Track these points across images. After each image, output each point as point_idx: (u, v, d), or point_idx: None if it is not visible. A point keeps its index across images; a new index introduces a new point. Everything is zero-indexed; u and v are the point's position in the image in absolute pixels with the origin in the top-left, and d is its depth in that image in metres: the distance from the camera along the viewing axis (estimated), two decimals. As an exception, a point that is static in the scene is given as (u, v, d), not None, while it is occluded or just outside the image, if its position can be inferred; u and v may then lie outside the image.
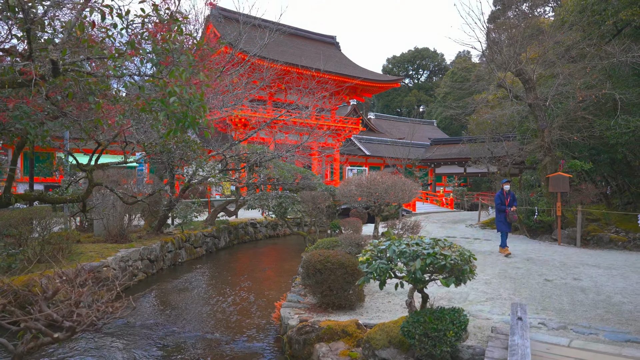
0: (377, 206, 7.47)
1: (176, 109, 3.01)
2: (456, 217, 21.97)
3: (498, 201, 11.63)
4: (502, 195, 11.61)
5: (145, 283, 11.38)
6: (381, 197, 7.03)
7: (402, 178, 7.44)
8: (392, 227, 7.20)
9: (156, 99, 3.04)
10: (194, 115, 3.18)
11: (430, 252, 4.45)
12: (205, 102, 3.50)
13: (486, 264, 10.28)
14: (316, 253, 7.13)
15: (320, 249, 8.29)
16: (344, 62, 34.12)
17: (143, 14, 3.43)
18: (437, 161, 32.85)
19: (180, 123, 3.21)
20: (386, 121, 53.26)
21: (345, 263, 6.87)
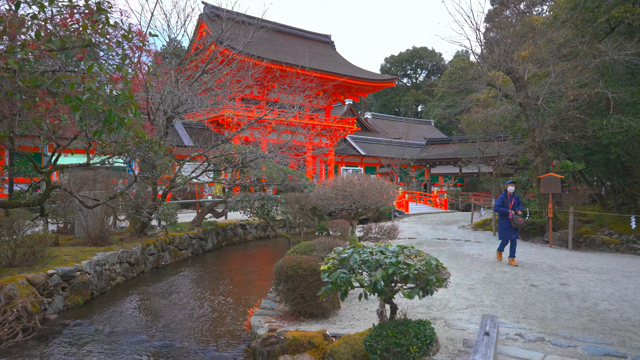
0: (353, 209, 7.16)
1: (95, 106, 2.72)
2: (449, 218, 21.66)
3: (499, 203, 10.31)
4: (505, 198, 10.28)
5: (124, 287, 11.08)
6: (357, 200, 6.72)
7: (379, 180, 7.13)
8: (368, 231, 6.89)
9: (72, 97, 2.74)
10: (120, 114, 2.88)
11: (392, 262, 4.15)
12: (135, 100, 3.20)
13: (472, 268, 9.99)
14: (288, 259, 6.83)
15: (296, 253, 7.98)
16: (338, 61, 33.82)
17: (70, 3, 3.14)
18: (432, 161, 32.53)
19: (107, 123, 2.91)
20: (383, 121, 52.96)
21: (317, 269, 6.55)
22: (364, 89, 33.77)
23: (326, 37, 36.33)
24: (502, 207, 10.26)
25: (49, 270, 8.96)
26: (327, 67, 30.48)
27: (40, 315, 8.24)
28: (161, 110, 11.67)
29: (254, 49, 26.42)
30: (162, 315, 8.73)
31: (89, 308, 9.12)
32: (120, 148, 5.86)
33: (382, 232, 6.99)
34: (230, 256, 16.22)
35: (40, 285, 8.66)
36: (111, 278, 10.80)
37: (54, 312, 8.63)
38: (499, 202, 10.33)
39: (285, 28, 33.23)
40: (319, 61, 31.26)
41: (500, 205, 10.30)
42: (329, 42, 36.29)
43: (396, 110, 79.08)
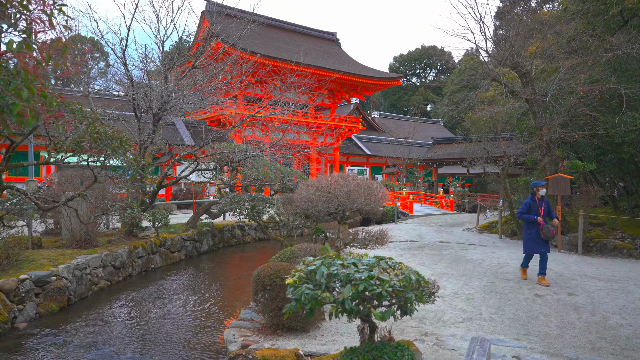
0: (338, 213, 6.57)
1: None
2: (455, 219, 20.95)
3: (524, 209, 8.52)
4: (532, 203, 8.48)
5: (108, 292, 10.58)
6: (343, 202, 6.13)
7: (368, 181, 6.53)
8: (354, 237, 6.28)
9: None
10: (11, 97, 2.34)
11: (364, 277, 3.54)
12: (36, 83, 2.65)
13: (473, 275, 9.33)
14: (267, 267, 6.26)
15: (279, 260, 7.40)
16: (343, 59, 33.20)
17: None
18: (439, 161, 31.78)
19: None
20: (391, 120, 52.22)
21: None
22: (369, 87, 33.11)
23: (331, 34, 35.73)
24: (527, 214, 8.47)
25: (21, 276, 8.47)
26: (331, 65, 29.87)
27: (8, 324, 7.75)
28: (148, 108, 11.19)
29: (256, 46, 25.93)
30: (138, 324, 8.20)
31: (63, 316, 8.61)
32: (74, 145, 5.36)
33: (369, 237, 6.37)
34: (225, 259, 15.70)
35: (10, 291, 8.16)
36: (93, 283, 10.30)
37: (25, 320, 8.13)
38: (523, 208, 8.57)
39: (290, 25, 32.71)
40: (324, 59, 30.68)
41: (524, 212, 8.52)
42: (334, 39, 35.68)
43: (405, 110, 78.16)
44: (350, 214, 6.99)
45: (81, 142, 5.35)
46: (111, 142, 5.51)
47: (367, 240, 6.36)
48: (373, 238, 6.35)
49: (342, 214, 6.75)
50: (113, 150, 5.68)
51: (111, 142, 5.50)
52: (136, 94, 10.95)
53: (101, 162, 6.18)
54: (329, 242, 13.68)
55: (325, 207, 6.34)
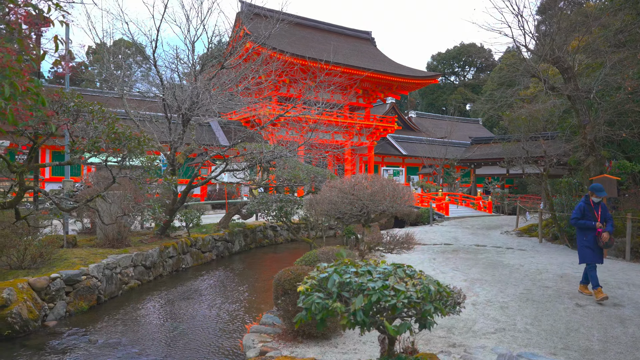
0: (362, 215, 6.29)
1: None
2: (493, 222, 20.19)
3: (577, 215, 7.69)
4: (586, 207, 7.69)
5: (138, 292, 10.68)
6: (367, 204, 5.86)
7: (393, 182, 6.23)
8: (378, 241, 5.97)
9: None
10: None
11: (378, 286, 3.28)
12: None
13: (509, 282, 8.84)
14: (287, 271, 6.06)
15: (302, 263, 7.20)
16: (378, 58, 32.74)
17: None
18: (477, 161, 30.82)
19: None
20: (428, 120, 51.26)
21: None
22: (405, 86, 32.52)
23: (366, 33, 35.33)
24: (582, 220, 7.67)
25: (52, 274, 8.62)
26: (365, 64, 29.48)
27: (39, 322, 7.88)
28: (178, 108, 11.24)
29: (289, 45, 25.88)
30: (163, 326, 8.18)
31: (92, 315, 8.72)
32: (90, 145, 5.33)
33: (395, 240, 6.05)
34: (256, 260, 15.66)
35: (41, 289, 8.32)
36: (123, 282, 10.42)
37: (55, 319, 8.26)
38: (577, 213, 7.76)
39: (324, 25, 32.54)
40: (358, 58, 30.34)
41: (579, 218, 7.70)
42: (369, 38, 35.26)
43: (443, 109, 76.59)
44: (375, 217, 6.71)
45: (98, 142, 5.34)
46: (128, 143, 5.46)
47: (393, 244, 6.06)
48: (399, 242, 6.04)
49: (366, 217, 6.48)
50: (129, 150, 5.63)
51: (128, 142, 5.46)
52: (166, 95, 11.03)
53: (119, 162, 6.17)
54: (354, 246, 13.41)
55: (348, 209, 6.09)
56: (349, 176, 6.46)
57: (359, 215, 6.40)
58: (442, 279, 8.98)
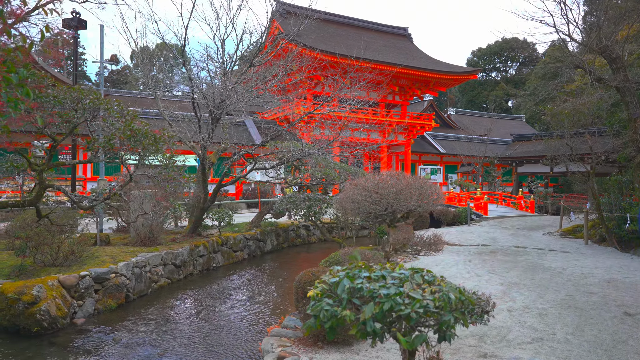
0: (387, 214, 5.94)
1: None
2: (534, 222, 19.26)
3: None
4: None
5: (167, 290, 10.71)
6: (392, 203, 5.52)
7: (420, 179, 5.84)
8: (405, 242, 5.59)
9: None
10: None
11: (391, 293, 2.97)
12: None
13: (550, 287, 8.26)
14: (309, 272, 5.82)
15: (327, 265, 6.93)
16: (415, 54, 32.04)
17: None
18: (518, 159, 29.60)
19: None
20: (468, 117, 49.86)
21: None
22: (442, 82, 31.66)
23: (403, 29, 34.65)
24: None
25: (82, 272, 8.72)
26: (401, 60, 28.88)
27: (67, 319, 7.96)
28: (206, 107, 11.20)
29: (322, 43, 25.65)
30: (188, 326, 8.11)
31: (120, 313, 8.75)
32: (104, 142, 5.26)
33: (421, 242, 5.66)
34: (288, 259, 15.50)
35: (71, 287, 8.42)
36: (153, 280, 10.46)
37: (83, 316, 8.33)
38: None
39: (358, 21, 32.14)
40: (393, 54, 29.78)
41: None
42: (405, 34, 34.57)
43: (484, 106, 74.45)
44: (402, 216, 6.36)
45: (112, 139, 5.26)
46: (144, 140, 5.36)
47: (420, 245, 5.68)
48: (426, 243, 5.66)
49: (391, 216, 6.13)
50: (144, 147, 5.53)
51: (144, 139, 5.36)
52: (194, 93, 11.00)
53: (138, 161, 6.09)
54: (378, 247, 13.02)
55: (372, 209, 5.77)
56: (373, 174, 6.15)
57: (383, 214, 6.07)
58: (476, 282, 8.51)
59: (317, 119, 27.43)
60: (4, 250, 10.31)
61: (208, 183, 12.66)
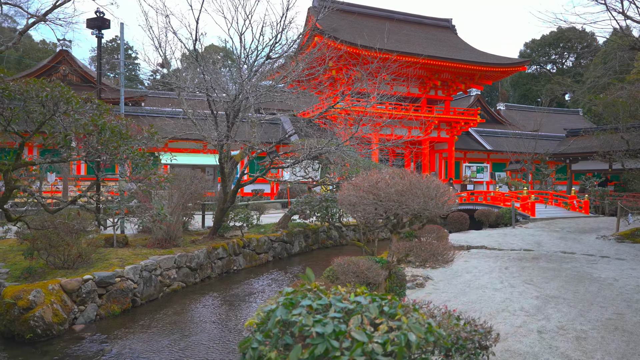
0: (389, 219, 5.11)
1: None
2: (588, 224, 17.55)
3: None
4: None
5: (181, 294, 10.30)
6: (390, 207, 4.71)
7: (429, 178, 5.00)
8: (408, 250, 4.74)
9: None
10: None
11: (326, 332, 2.21)
12: None
13: (595, 302, 7.12)
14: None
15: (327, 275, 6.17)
16: (459, 46, 30.50)
17: None
18: (572, 155, 27.47)
19: None
20: (519, 112, 47.37)
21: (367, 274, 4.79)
22: (488, 75, 29.92)
23: (446, 21, 33.11)
24: None
25: (85, 276, 8.42)
26: (443, 53, 27.50)
27: (66, 325, 7.65)
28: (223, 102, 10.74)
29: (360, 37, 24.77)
30: (190, 335, 7.59)
31: (122, 319, 8.38)
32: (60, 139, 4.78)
33: (426, 252, 4.79)
34: (316, 262, 14.80)
35: (73, 291, 8.13)
36: (165, 284, 10.07)
37: (84, 322, 8.01)
38: None
39: (397, 14, 30.97)
40: (435, 47, 28.42)
41: None
42: (449, 26, 33.00)
43: (538, 101, 70.69)
44: (408, 220, 5.52)
45: (68, 134, 4.77)
46: (101, 136, 4.81)
47: (424, 254, 4.82)
48: (430, 255, 4.79)
49: (394, 221, 5.31)
50: (101, 144, 4.98)
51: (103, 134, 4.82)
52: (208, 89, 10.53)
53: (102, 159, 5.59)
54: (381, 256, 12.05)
55: (371, 212, 4.99)
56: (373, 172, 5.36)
57: (385, 218, 5.26)
58: (507, 295, 7.50)
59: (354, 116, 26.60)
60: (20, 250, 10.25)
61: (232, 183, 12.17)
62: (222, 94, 10.70)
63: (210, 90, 10.41)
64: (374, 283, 4.99)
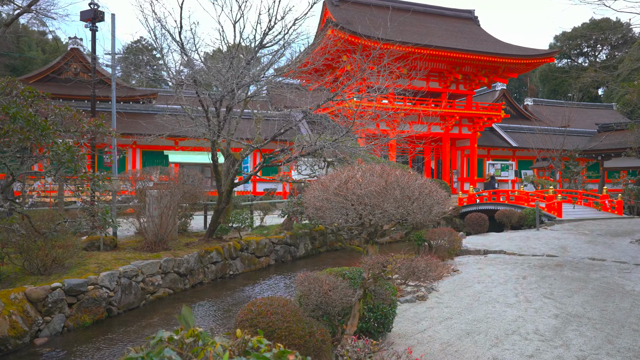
0: (364, 226, 4.15)
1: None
2: (621, 226, 16.07)
3: None
4: None
5: (167, 302, 9.56)
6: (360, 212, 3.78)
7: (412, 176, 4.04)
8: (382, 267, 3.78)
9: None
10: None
11: None
12: None
13: (627, 323, 6.00)
14: (250, 307, 4.21)
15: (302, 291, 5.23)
16: (481, 38, 29.03)
17: None
18: (604, 152, 25.75)
19: None
20: (548, 107, 45.29)
21: (294, 332, 3.87)
22: (512, 68, 28.34)
23: (468, 12, 31.61)
24: None
25: (54, 283, 7.73)
26: (464, 45, 26.13)
27: (27, 339, 6.96)
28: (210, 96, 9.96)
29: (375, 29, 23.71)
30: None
31: (91, 332, 7.65)
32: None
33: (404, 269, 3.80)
34: (320, 266, 13.87)
35: (38, 301, 7.45)
36: (148, 292, 9.34)
37: (49, 335, 7.32)
38: None
39: (417, 6, 29.67)
40: (456, 39, 27.06)
41: None
42: (471, 17, 31.50)
43: (569, 96, 67.89)
44: (389, 228, 4.55)
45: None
46: (14, 126, 4.03)
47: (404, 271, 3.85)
48: (412, 271, 3.81)
49: (370, 229, 4.35)
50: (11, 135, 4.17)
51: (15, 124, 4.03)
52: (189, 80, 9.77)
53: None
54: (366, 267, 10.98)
55: (341, 218, 4.06)
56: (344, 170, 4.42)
57: (359, 226, 4.32)
58: (520, 313, 6.43)
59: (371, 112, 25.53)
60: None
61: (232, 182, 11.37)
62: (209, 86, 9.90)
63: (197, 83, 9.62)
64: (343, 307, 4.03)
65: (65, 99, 24.87)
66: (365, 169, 4.25)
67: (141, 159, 24.62)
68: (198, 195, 13.24)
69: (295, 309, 4.00)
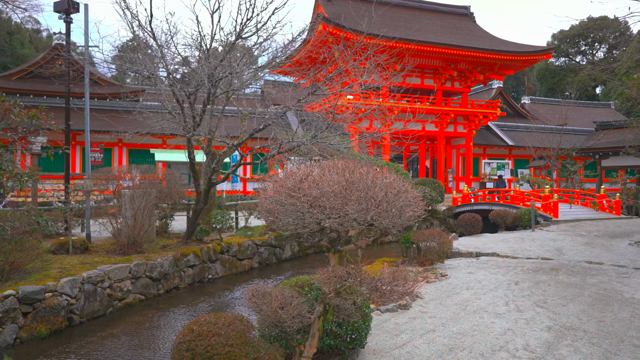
0: (324, 232, 3.60)
1: None
2: (619, 227, 15.51)
3: None
4: None
5: (138, 309, 8.99)
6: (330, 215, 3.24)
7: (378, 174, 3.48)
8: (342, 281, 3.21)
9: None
10: None
11: None
12: None
13: (626, 337, 5.44)
14: (191, 326, 3.63)
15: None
16: (477, 34, 28.44)
17: None
18: (602, 150, 25.22)
19: None
20: (545, 105, 44.79)
21: (236, 358, 3.30)
22: (509, 65, 27.78)
23: (464, 8, 31.02)
24: None
25: (7, 291, 7.13)
26: (459, 41, 25.55)
27: (-28, 352, 6.38)
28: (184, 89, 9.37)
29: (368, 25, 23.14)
30: (112, 368, 6.22)
31: (48, 343, 7.07)
32: None
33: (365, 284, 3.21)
34: (306, 268, 13.29)
35: (-12, 310, 6.85)
36: (115, 298, 8.74)
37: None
38: None
39: (412, 2, 29.11)
40: (450, 35, 26.48)
41: None
42: (467, 14, 30.92)
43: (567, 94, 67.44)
44: (355, 234, 3.99)
45: None
46: None
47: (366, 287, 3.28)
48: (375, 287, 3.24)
49: (333, 235, 3.79)
50: None
51: None
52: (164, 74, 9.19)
53: None
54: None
55: (295, 223, 3.50)
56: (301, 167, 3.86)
57: (319, 232, 3.76)
58: (510, 325, 5.86)
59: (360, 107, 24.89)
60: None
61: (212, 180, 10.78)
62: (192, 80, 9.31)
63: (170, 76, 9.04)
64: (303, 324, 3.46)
65: (49, 96, 24.26)
66: (325, 165, 3.69)
67: (127, 157, 24.00)
68: (174, 194, 12.65)
69: (242, 329, 3.42)
